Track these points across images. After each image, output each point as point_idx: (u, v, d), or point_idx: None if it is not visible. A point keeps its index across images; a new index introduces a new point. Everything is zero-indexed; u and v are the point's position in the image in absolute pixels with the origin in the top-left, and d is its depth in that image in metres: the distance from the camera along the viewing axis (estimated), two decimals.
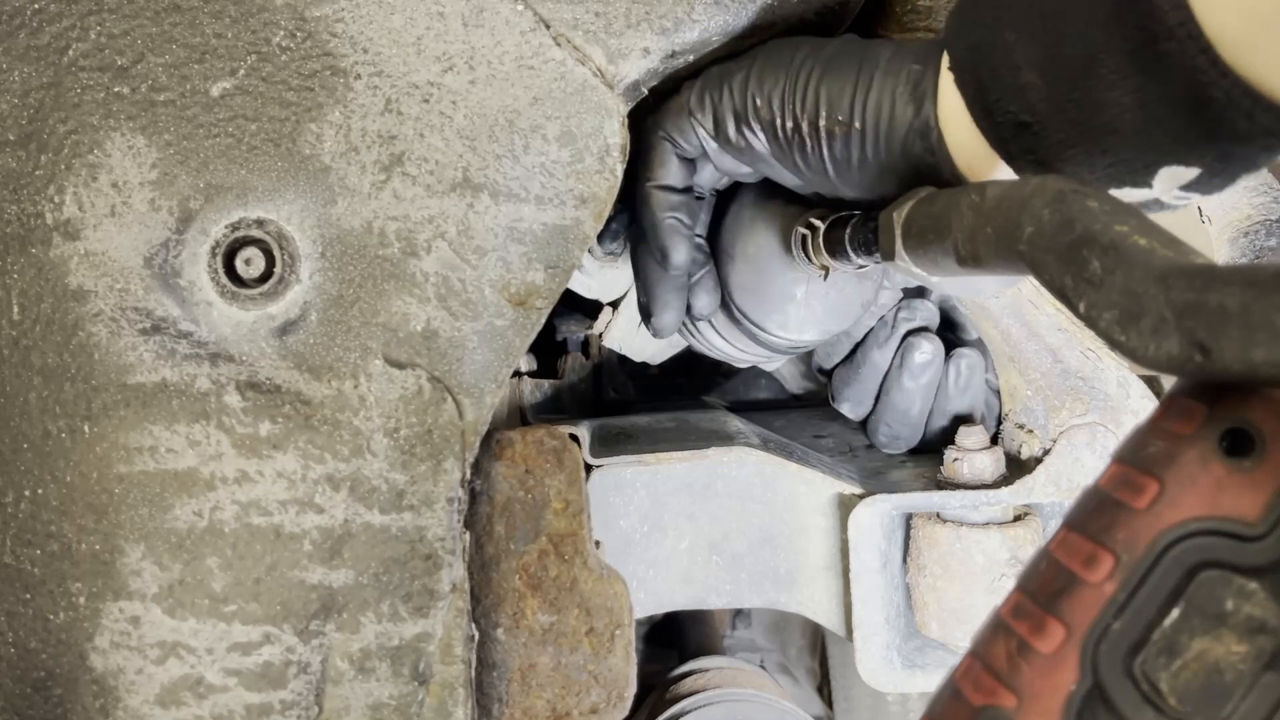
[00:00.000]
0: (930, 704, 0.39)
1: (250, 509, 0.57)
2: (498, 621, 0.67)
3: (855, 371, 0.84)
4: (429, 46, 0.57)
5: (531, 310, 0.60)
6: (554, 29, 0.58)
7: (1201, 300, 0.32)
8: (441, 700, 0.61)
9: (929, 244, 0.51)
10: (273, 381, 0.58)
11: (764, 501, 0.82)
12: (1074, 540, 0.36)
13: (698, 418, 0.90)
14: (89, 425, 0.56)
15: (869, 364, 0.83)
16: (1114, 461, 0.37)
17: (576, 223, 0.59)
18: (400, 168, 0.57)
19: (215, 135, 0.56)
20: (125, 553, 0.57)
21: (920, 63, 0.53)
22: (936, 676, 0.80)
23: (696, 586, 0.82)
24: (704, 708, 0.91)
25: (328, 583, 0.58)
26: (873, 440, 0.88)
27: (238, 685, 0.58)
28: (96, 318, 0.56)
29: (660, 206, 0.63)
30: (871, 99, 0.54)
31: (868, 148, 0.55)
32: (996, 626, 0.37)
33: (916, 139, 0.53)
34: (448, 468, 0.59)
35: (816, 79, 0.55)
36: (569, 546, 0.67)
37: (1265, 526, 0.32)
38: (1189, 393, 0.35)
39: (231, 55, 0.56)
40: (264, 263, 0.57)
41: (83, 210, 0.56)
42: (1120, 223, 0.38)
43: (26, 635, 0.57)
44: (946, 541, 0.78)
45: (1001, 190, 0.45)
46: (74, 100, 0.55)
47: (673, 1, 0.58)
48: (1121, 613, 0.34)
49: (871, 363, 0.83)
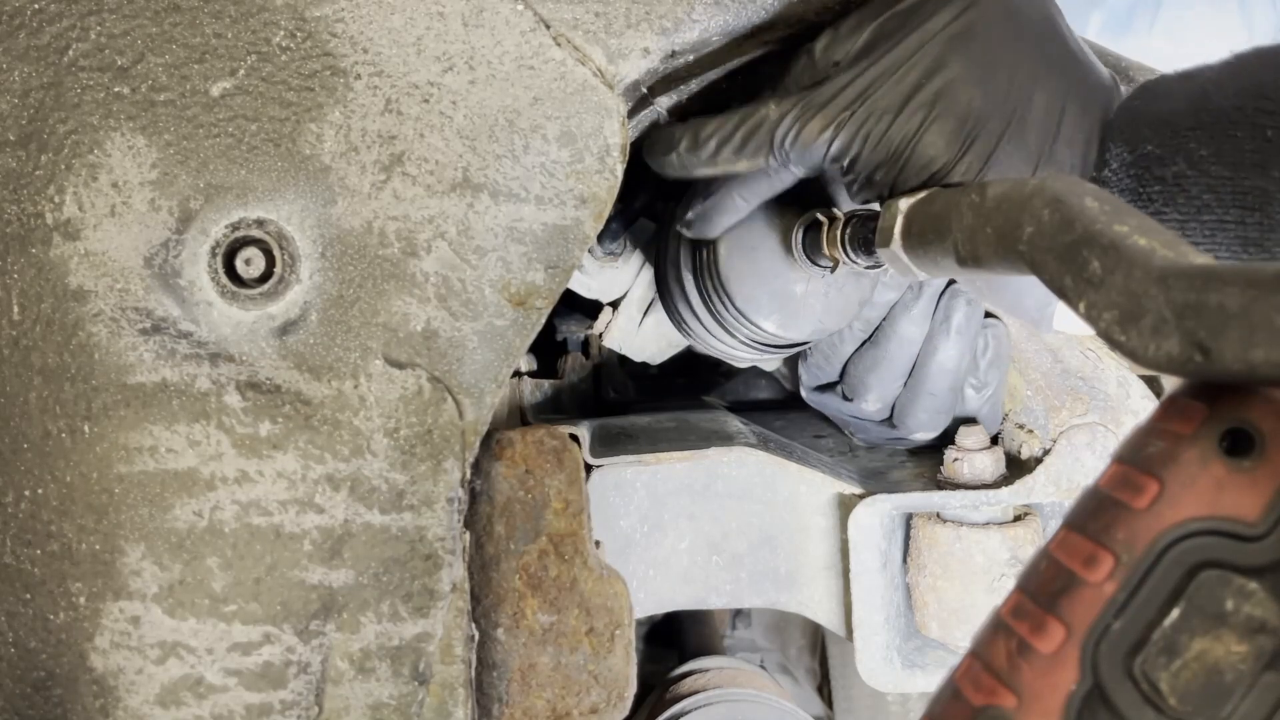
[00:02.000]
0: (930, 704, 0.39)
1: (250, 509, 0.57)
2: (498, 621, 0.67)
3: (882, 350, 0.77)
4: (429, 46, 0.57)
5: (531, 310, 0.60)
6: (554, 29, 0.58)
7: (1201, 300, 0.32)
8: (441, 700, 0.61)
9: (929, 244, 0.51)
10: (273, 381, 0.58)
11: (764, 501, 0.82)
12: (1074, 540, 0.36)
13: (698, 418, 0.90)
14: (89, 425, 0.56)
15: (896, 338, 0.76)
16: (1114, 461, 0.37)
17: (576, 223, 0.59)
18: (400, 168, 0.57)
19: (215, 135, 0.56)
20: (125, 553, 0.57)
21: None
22: (936, 676, 0.80)
23: (696, 586, 0.82)
24: (704, 708, 0.91)
25: (328, 583, 0.58)
26: (901, 430, 0.82)
27: (238, 685, 0.58)
28: (96, 318, 0.56)
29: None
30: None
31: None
32: (996, 626, 0.37)
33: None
34: (448, 468, 0.59)
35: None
36: (569, 546, 0.67)
37: (1265, 526, 0.32)
38: (1189, 393, 0.35)
39: (231, 55, 0.56)
40: (264, 263, 0.57)
41: (83, 210, 0.56)
42: (1120, 223, 0.38)
43: (26, 635, 0.57)
44: (946, 541, 0.78)
45: (1002, 190, 0.46)
46: (74, 100, 0.55)
47: (673, 1, 0.58)
48: (1121, 613, 0.34)
49: (901, 336, 0.76)
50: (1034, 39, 0.57)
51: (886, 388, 0.79)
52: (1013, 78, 0.55)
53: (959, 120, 0.55)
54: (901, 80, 0.56)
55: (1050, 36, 0.58)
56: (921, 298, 0.76)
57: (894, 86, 0.56)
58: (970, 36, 0.56)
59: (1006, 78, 0.55)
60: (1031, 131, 0.56)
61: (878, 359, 0.78)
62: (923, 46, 0.56)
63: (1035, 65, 0.56)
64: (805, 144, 0.57)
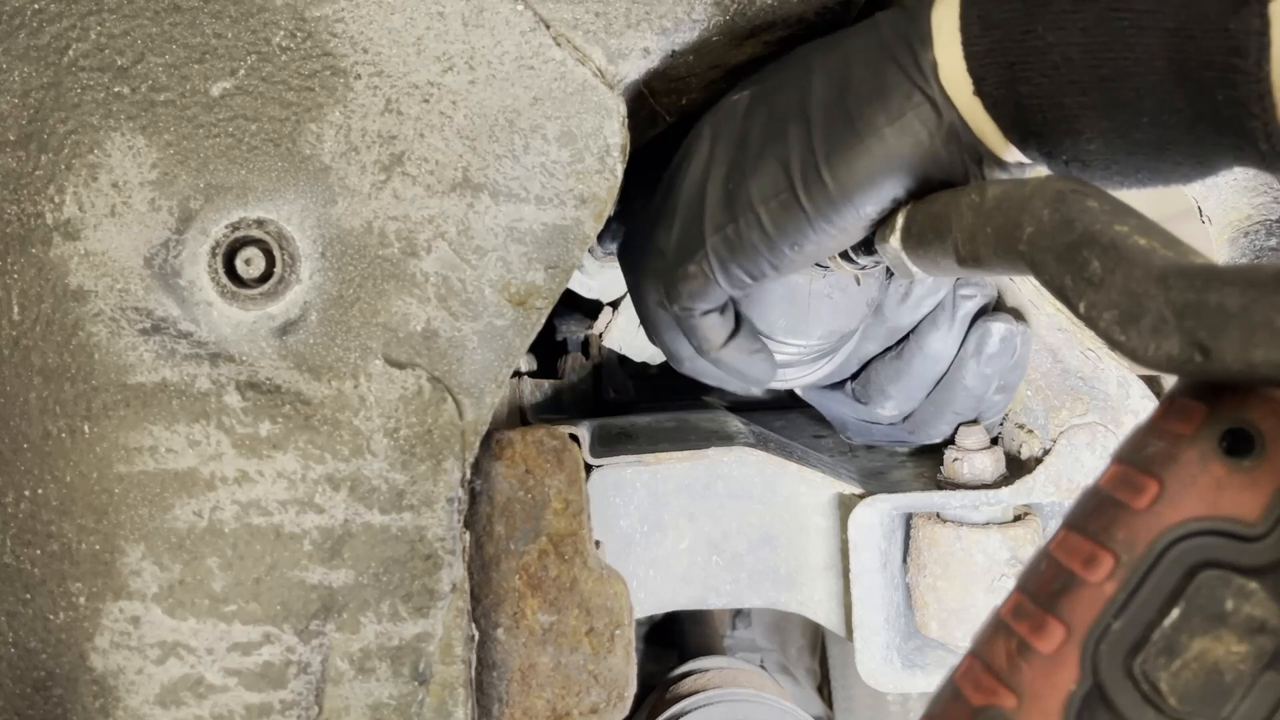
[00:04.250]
0: (930, 704, 0.39)
1: (250, 509, 0.57)
2: (498, 621, 0.67)
3: (907, 365, 0.76)
4: (429, 46, 0.57)
5: (531, 310, 0.60)
6: (554, 29, 0.58)
7: (1201, 300, 0.32)
8: (441, 700, 0.61)
9: (929, 244, 0.51)
10: (273, 381, 0.58)
11: (764, 501, 0.82)
12: (1074, 540, 0.36)
13: (698, 418, 0.90)
14: (89, 425, 0.56)
15: (926, 355, 0.75)
16: (1114, 461, 0.37)
17: (577, 223, 0.59)
18: (400, 168, 0.57)
19: (215, 135, 0.56)
20: (125, 553, 0.57)
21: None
22: (936, 676, 0.80)
23: (696, 586, 0.82)
24: (704, 708, 0.91)
25: (328, 583, 0.58)
26: (916, 437, 0.82)
27: (238, 685, 0.58)
28: (96, 318, 0.56)
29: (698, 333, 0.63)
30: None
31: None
32: (996, 626, 0.37)
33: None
34: (448, 468, 0.59)
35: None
36: (569, 546, 0.67)
37: (1265, 526, 0.32)
38: (1189, 393, 0.35)
39: (231, 55, 0.56)
40: (264, 263, 0.57)
41: (83, 210, 0.56)
42: (1120, 223, 0.38)
43: (26, 635, 0.57)
44: (946, 541, 0.78)
45: (1001, 190, 0.46)
46: (74, 100, 0.55)
47: (673, 1, 0.58)
48: (1121, 613, 0.34)
49: (930, 353, 0.75)
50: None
51: (907, 399, 0.78)
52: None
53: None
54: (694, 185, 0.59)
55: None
56: (955, 319, 0.75)
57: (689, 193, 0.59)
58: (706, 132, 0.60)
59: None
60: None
61: (901, 370, 0.77)
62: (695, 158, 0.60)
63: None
64: (698, 294, 0.60)
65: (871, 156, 0.52)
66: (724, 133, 0.59)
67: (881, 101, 0.52)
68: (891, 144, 0.52)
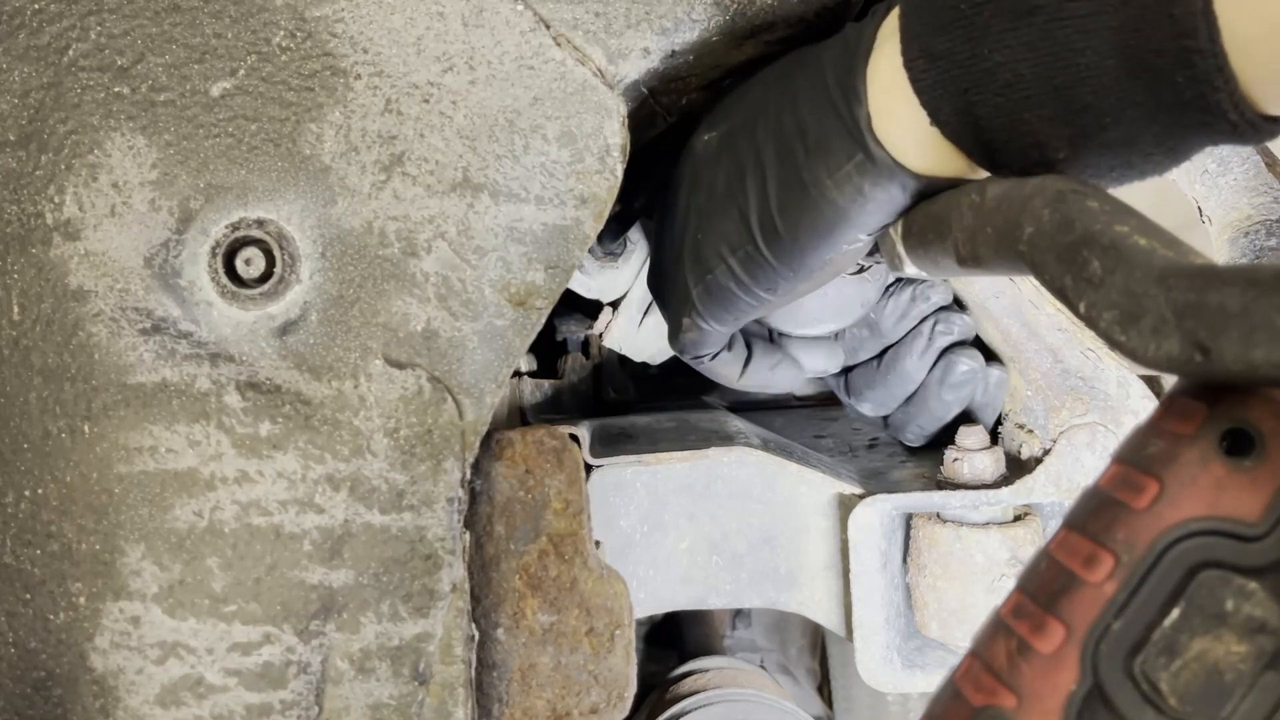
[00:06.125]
0: (930, 704, 0.39)
1: (250, 509, 0.57)
2: (498, 621, 0.67)
3: (883, 377, 0.82)
4: (429, 46, 0.57)
5: (531, 310, 0.60)
6: (554, 29, 0.58)
7: (1201, 300, 0.32)
8: (441, 700, 0.61)
9: (929, 243, 0.51)
10: (273, 381, 0.58)
11: (764, 501, 0.82)
12: (1074, 540, 0.36)
13: (698, 418, 0.90)
14: (89, 425, 0.56)
15: (899, 373, 0.81)
16: (1114, 461, 0.37)
17: (577, 223, 0.59)
18: (400, 168, 0.57)
19: (215, 135, 0.56)
20: (125, 553, 0.57)
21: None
22: (936, 676, 0.80)
23: (696, 586, 0.82)
24: (704, 708, 0.91)
25: (328, 583, 0.58)
26: (897, 435, 0.87)
27: (238, 685, 0.58)
28: (96, 318, 0.56)
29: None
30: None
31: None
32: (996, 626, 0.37)
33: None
34: (448, 468, 0.59)
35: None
36: (569, 546, 0.67)
37: (1265, 526, 0.32)
38: (1189, 393, 0.35)
39: (231, 55, 0.56)
40: (264, 263, 0.57)
41: (83, 210, 0.56)
42: (1120, 223, 0.38)
43: (26, 635, 0.57)
44: (946, 541, 0.78)
45: (1002, 190, 0.45)
46: (74, 100, 0.55)
47: (673, 2, 0.58)
48: (1121, 613, 0.34)
49: (903, 372, 0.81)
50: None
51: (881, 405, 0.84)
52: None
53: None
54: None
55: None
56: (930, 347, 0.80)
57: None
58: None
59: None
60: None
61: (877, 380, 0.83)
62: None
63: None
64: (699, 344, 0.64)
65: (819, 211, 0.54)
66: (698, 180, 0.62)
67: (823, 155, 0.53)
68: (834, 198, 0.53)
